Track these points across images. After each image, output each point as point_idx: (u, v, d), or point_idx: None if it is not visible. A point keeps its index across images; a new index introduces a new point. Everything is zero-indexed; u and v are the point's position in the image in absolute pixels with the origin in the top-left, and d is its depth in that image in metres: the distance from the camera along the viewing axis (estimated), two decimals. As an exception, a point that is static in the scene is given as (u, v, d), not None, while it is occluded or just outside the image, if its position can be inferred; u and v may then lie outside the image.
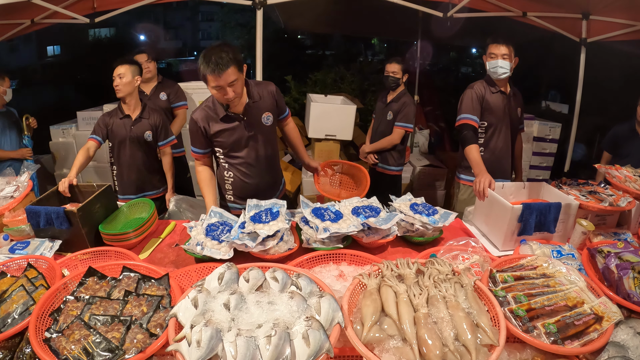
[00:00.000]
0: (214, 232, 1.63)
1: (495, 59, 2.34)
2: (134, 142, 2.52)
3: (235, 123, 1.94)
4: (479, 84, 2.46)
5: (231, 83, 1.72)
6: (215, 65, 1.67)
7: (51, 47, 13.72)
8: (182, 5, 16.52)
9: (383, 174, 3.24)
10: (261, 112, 1.97)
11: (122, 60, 2.45)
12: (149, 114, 2.56)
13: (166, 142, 2.63)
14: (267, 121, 2.00)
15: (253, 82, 1.99)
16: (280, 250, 1.59)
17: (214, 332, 0.96)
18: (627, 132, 2.84)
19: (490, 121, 2.45)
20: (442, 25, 3.78)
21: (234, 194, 2.13)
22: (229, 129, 1.94)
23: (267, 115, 1.99)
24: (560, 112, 5.73)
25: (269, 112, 1.99)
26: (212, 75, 1.69)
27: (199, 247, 1.56)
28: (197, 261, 1.59)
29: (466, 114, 2.39)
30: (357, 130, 4.52)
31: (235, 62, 1.71)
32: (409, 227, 1.77)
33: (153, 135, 2.57)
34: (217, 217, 1.76)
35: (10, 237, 1.76)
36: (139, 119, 2.52)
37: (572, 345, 1.09)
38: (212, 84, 1.73)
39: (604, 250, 1.48)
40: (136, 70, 2.48)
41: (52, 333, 1.10)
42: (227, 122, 1.93)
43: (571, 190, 1.95)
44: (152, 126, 2.55)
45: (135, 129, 2.51)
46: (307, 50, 12.69)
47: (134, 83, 2.46)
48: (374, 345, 1.04)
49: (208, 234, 1.63)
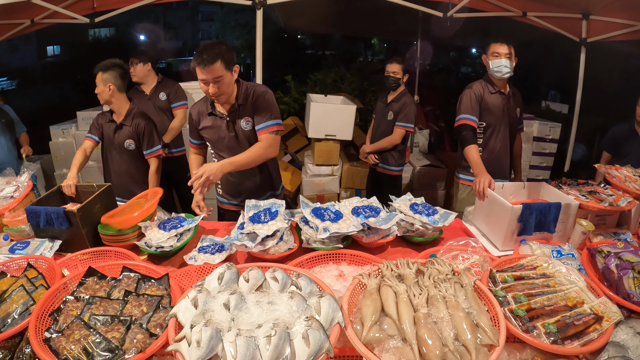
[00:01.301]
0: (165, 224, 1.78)
1: (499, 57, 2.33)
2: (116, 148, 2.47)
3: (219, 121, 1.99)
4: (477, 84, 2.45)
5: (216, 79, 1.77)
6: (202, 58, 1.73)
7: (51, 47, 13.70)
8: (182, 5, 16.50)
9: (383, 174, 3.24)
10: (242, 116, 1.95)
11: (97, 67, 2.34)
12: (132, 121, 2.42)
13: (151, 152, 2.48)
14: (247, 126, 1.97)
15: (249, 84, 1.98)
16: (280, 250, 1.59)
17: (213, 332, 0.96)
18: (626, 132, 2.85)
19: (489, 121, 2.45)
20: (442, 25, 3.77)
21: (222, 188, 2.21)
22: (214, 126, 2.00)
23: (246, 120, 1.96)
24: (560, 112, 5.73)
25: (249, 118, 1.96)
26: (199, 67, 1.76)
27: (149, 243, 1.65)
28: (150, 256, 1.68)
29: (465, 114, 2.38)
30: (357, 130, 4.52)
31: (223, 59, 1.75)
32: (409, 227, 1.77)
33: (136, 144, 2.45)
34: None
35: (10, 237, 1.76)
36: (121, 125, 2.43)
37: (572, 345, 1.09)
38: (199, 77, 1.79)
39: (603, 250, 1.48)
40: (110, 77, 2.34)
41: (52, 333, 1.10)
42: (214, 118, 1.99)
43: (571, 190, 1.95)
44: (134, 134, 2.42)
45: (117, 135, 2.44)
46: (307, 50, 12.69)
47: (107, 91, 2.34)
48: (374, 345, 1.04)
49: (160, 227, 1.76)
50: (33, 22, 3.62)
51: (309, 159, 4.14)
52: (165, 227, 1.75)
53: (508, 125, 2.49)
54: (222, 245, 1.67)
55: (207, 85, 1.79)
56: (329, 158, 3.94)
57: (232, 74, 1.83)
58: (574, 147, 4.27)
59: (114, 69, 2.37)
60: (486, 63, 2.42)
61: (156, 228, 1.75)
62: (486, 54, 2.41)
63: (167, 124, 3.15)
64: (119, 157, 2.49)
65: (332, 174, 4.01)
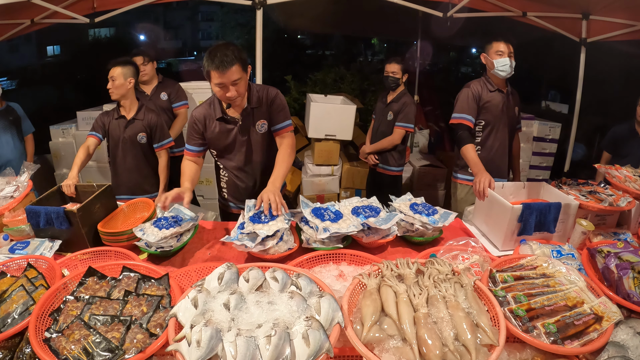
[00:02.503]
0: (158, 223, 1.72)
1: (503, 56, 2.32)
2: (127, 143, 2.50)
3: (230, 126, 1.93)
4: (476, 83, 2.44)
5: (234, 82, 1.71)
6: (220, 61, 1.66)
7: (51, 47, 13.69)
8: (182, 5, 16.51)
9: (383, 175, 3.24)
10: (257, 119, 1.93)
11: (115, 62, 2.40)
12: (144, 115, 2.52)
13: (161, 145, 2.58)
14: (262, 129, 1.96)
15: (257, 86, 1.95)
16: (280, 250, 1.60)
17: (213, 332, 0.96)
18: (626, 132, 2.85)
19: (487, 120, 2.44)
20: (442, 25, 3.78)
21: (229, 193, 2.14)
22: (223, 131, 1.93)
23: (262, 123, 1.95)
24: (560, 112, 5.74)
25: (264, 120, 1.95)
26: (216, 72, 1.68)
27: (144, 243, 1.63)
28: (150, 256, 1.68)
29: (461, 114, 2.38)
30: (357, 130, 4.51)
31: (240, 60, 1.70)
32: (409, 227, 1.77)
33: (147, 138, 2.53)
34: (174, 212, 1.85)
35: (10, 237, 1.76)
36: (133, 120, 2.49)
37: (572, 345, 1.09)
38: (216, 81, 1.71)
39: (603, 250, 1.48)
40: (129, 72, 2.42)
41: (52, 333, 1.10)
42: (223, 123, 1.93)
43: (571, 190, 1.95)
44: (147, 128, 2.51)
45: (128, 130, 2.49)
46: (307, 50, 12.68)
47: (127, 85, 2.42)
48: (374, 345, 1.04)
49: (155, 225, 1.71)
50: (33, 22, 3.62)
51: (309, 159, 4.14)
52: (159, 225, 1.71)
53: (507, 124, 2.48)
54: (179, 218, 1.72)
55: (224, 89, 1.73)
56: (329, 158, 3.94)
57: (247, 75, 1.80)
58: (574, 147, 4.27)
59: (131, 65, 2.45)
60: (487, 62, 2.40)
61: (151, 226, 1.71)
62: (487, 52, 2.39)
63: (168, 124, 3.15)
64: (130, 153, 2.52)
65: (332, 174, 4.01)
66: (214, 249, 1.77)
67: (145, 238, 1.62)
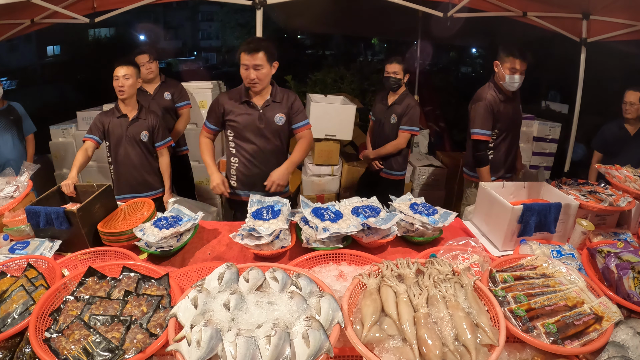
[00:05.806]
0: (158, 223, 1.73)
1: (515, 74, 2.44)
2: (129, 142, 2.52)
3: (252, 110, 2.16)
4: (490, 94, 2.53)
5: (257, 66, 2.00)
6: (249, 46, 1.99)
7: (51, 47, 13.70)
8: (182, 5, 16.52)
9: (387, 179, 3.13)
10: (276, 111, 2.19)
11: (126, 61, 2.43)
12: (146, 115, 2.57)
13: (163, 144, 2.64)
14: (280, 121, 2.20)
15: (280, 88, 2.23)
16: (273, 247, 1.61)
17: (213, 332, 0.96)
18: (615, 129, 2.86)
19: (500, 128, 2.61)
20: (442, 25, 3.77)
21: (238, 180, 2.29)
22: (245, 113, 2.17)
23: (280, 116, 2.20)
24: (560, 112, 5.74)
25: (283, 114, 2.20)
26: (245, 54, 2.00)
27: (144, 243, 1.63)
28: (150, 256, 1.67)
29: (481, 129, 2.52)
30: (357, 130, 4.51)
31: (266, 51, 2.01)
32: (409, 227, 1.77)
33: (149, 136, 2.57)
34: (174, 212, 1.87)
35: (10, 237, 1.76)
36: (136, 119, 2.52)
37: (572, 345, 1.09)
38: (243, 62, 2.02)
39: (603, 250, 1.48)
40: (137, 71, 2.49)
41: (52, 333, 1.10)
42: (246, 106, 2.17)
43: (571, 190, 1.95)
44: (149, 127, 2.56)
45: (131, 128, 2.51)
46: (307, 50, 12.70)
47: (137, 84, 2.49)
48: (374, 345, 1.04)
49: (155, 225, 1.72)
50: (33, 22, 3.62)
51: (309, 159, 4.13)
52: (159, 225, 1.71)
53: (515, 127, 2.67)
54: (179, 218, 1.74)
55: (247, 70, 2.03)
56: (329, 158, 3.94)
57: (271, 68, 2.08)
58: (574, 147, 4.27)
59: (137, 66, 2.51)
60: (499, 71, 2.51)
61: (151, 226, 1.72)
62: (500, 62, 2.48)
63: (171, 124, 3.15)
64: (133, 150, 2.55)
65: (332, 174, 4.01)
66: (214, 249, 1.77)
67: (145, 238, 1.62)
